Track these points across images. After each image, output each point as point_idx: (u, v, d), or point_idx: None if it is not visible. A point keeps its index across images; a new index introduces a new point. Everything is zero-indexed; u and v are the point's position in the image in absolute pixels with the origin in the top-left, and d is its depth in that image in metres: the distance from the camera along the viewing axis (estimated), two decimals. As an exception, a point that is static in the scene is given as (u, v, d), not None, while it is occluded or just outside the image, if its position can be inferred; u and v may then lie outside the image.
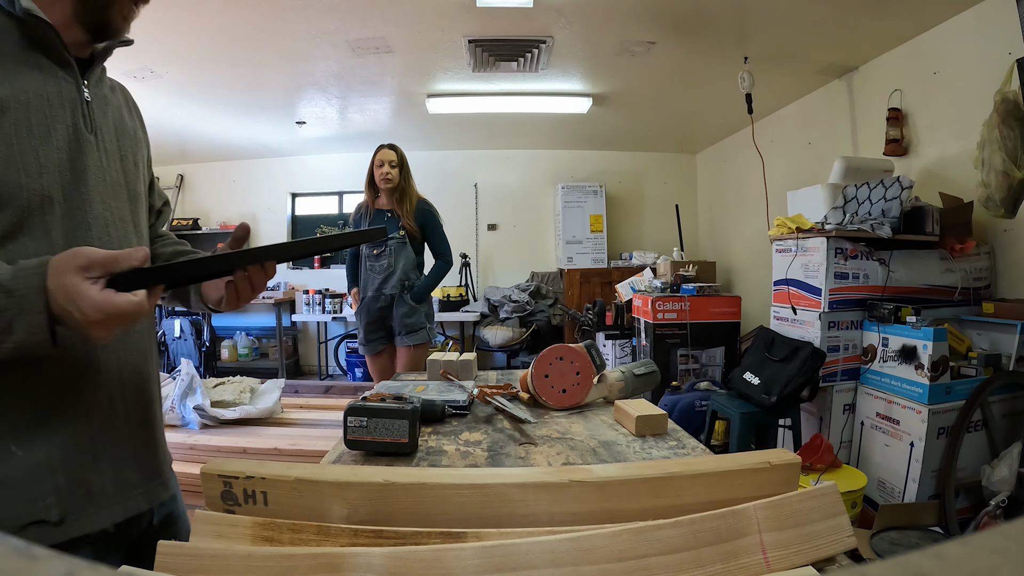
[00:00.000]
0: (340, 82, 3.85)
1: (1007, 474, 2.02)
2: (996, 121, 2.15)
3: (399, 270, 2.75)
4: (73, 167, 0.73)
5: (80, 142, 0.74)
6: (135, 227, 0.84)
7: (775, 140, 4.26)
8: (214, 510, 0.56)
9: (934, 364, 2.17)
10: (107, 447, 0.74)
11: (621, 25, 3.00)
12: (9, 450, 0.66)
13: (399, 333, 2.77)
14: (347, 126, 4.94)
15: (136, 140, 0.87)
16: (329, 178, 6.03)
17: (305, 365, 6.10)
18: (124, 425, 0.77)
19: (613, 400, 1.16)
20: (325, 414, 2.86)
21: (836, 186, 2.76)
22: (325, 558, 0.46)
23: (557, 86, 3.97)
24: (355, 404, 0.89)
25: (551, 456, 0.89)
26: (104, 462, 0.74)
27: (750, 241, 4.72)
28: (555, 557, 0.47)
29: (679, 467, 0.61)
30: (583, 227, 5.54)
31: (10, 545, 0.17)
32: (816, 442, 2.31)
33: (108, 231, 0.76)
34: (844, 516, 0.55)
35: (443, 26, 3.02)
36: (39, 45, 0.72)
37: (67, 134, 0.73)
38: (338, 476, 0.57)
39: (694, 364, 3.64)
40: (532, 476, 0.59)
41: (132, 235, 0.82)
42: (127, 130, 0.85)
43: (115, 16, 0.76)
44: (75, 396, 0.71)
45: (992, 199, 2.19)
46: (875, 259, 2.51)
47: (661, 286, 3.89)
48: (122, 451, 0.76)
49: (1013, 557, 0.16)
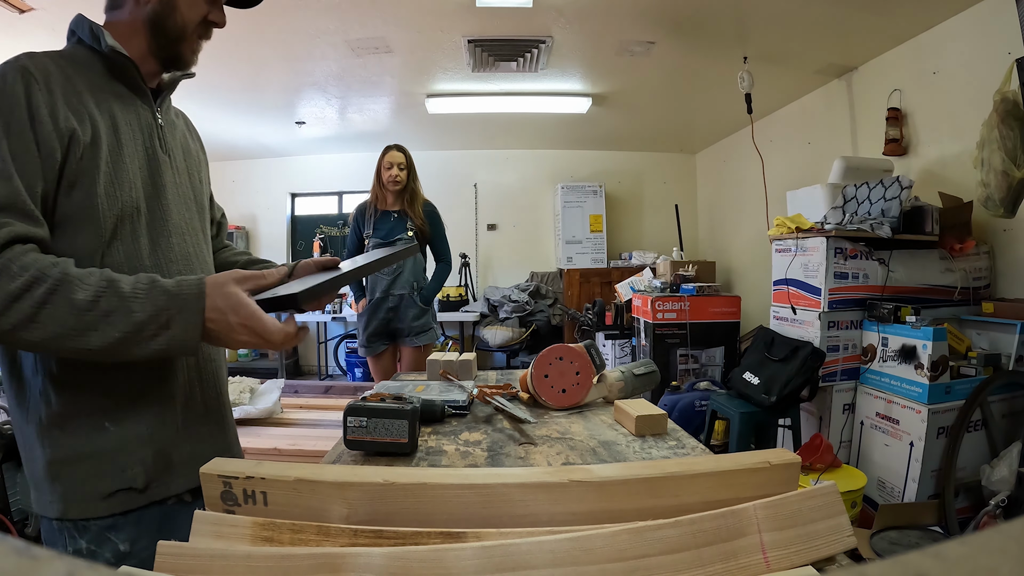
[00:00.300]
0: (340, 82, 3.85)
1: (1007, 474, 2.02)
2: (995, 121, 2.15)
3: (407, 271, 2.75)
4: (154, 183, 0.86)
5: (158, 161, 0.87)
6: (204, 235, 0.97)
7: (775, 140, 4.26)
8: (214, 510, 0.56)
9: (934, 364, 2.17)
10: (186, 425, 0.86)
11: (621, 25, 3.00)
12: (103, 426, 0.78)
13: (408, 334, 2.77)
14: (347, 126, 4.94)
15: (198, 159, 1.01)
16: (329, 178, 6.03)
17: (305, 365, 6.10)
18: (200, 406, 0.89)
19: (613, 400, 1.16)
20: (325, 414, 2.86)
21: (836, 186, 2.76)
22: (325, 558, 0.46)
23: (557, 86, 3.97)
24: (355, 404, 0.89)
25: (551, 456, 0.89)
26: (183, 438, 0.86)
27: (750, 241, 4.72)
28: (555, 557, 0.46)
29: (679, 467, 0.61)
30: (583, 227, 5.54)
31: (10, 545, 0.17)
32: (816, 442, 2.31)
33: (184, 238, 0.89)
34: (844, 516, 0.55)
35: (443, 26, 3.02)
36: (120, 76, 0.85)
37: (147, 154, 0.86)
38: (338, 476, 0.57)
39: (694, 364, 3.64)
40: (532, 476, 0.59)
41: (202, 243, 0.96)
42: (191, 150, 0.99)
43: (185, 51, 0.89)
44: (161, 382, 0.83)
45: (992, 199, 2.19)
46: (875, 259, 2.51)
47: (661, 286, 3.89)
48: (198, 428, 0.88)
49: (1013, 557, 0.16)
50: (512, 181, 6.02)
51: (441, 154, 5.76)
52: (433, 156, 5.60)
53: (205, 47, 0.93)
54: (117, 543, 0.79)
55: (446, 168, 5.78)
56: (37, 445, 0.78)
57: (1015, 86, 2.15)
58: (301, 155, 5.89)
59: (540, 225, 6.04)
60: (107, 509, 0.79)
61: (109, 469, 0.78)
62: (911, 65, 2.98)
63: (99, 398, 0.78)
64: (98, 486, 0.78)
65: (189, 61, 0.90)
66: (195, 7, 0.87)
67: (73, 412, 0.77)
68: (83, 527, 0.78)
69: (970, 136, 2.37)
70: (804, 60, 3.36)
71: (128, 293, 0.69)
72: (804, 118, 4.04)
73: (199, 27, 0.89)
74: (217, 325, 0.71)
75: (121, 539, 0.80)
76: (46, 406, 0.77)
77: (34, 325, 0.66)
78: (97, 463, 0.78)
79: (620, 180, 5.98)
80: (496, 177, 6.02)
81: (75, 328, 0.67)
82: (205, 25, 0.89)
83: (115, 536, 0.79)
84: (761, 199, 3.59)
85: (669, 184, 6.05)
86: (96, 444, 0.77)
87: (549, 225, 6.02)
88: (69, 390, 0.76)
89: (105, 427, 0.78)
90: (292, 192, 6.18)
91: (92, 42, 0.82)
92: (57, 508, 0.78)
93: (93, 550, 0.79)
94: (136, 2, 0.86)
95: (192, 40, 0.88)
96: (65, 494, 0.77)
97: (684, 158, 6.11)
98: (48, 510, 0.78)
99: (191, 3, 0.86)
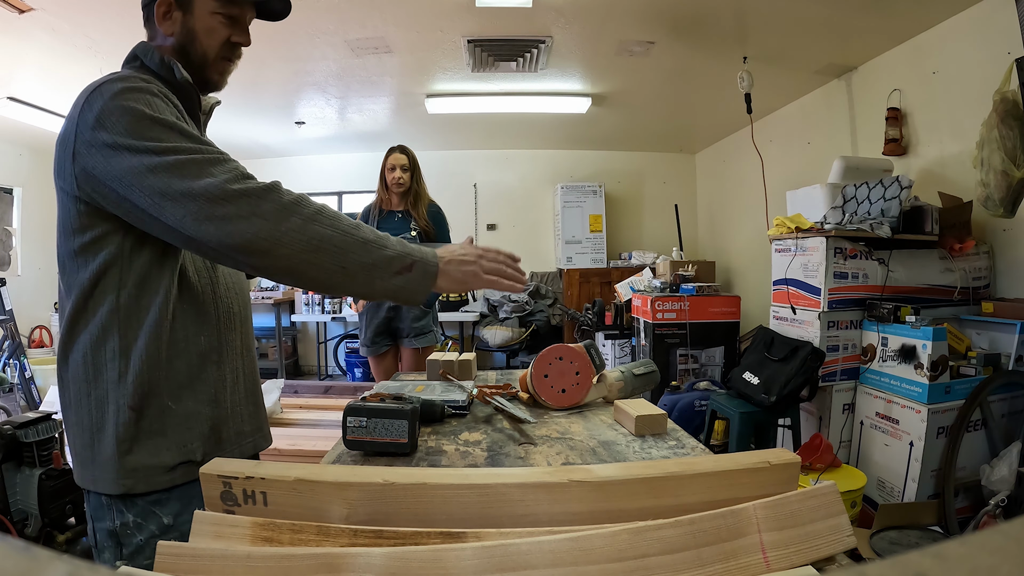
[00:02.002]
0: (339, 82, 3.85)
1: (1006, 473, 2.02)
2: (995, 121, 2.15)
3: None
4: None
5: None
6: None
7: (774, 140, 4.26)
8: (214, 510, 0.56)
9: (933, 364, 2.17)
10: (233, 405, 0.95)
11: (620, 25, 3.00)
12: (167, 405, 0.86)
13: (408, 335, 2.76)
14: (346, 126, 4.93)
15: None
16: (328, 178, 6.03)
17: (304, 365, 6.10)
18: (243, 389, 0.98)
19: (612, 400, 1.16)
20: (324, 414, 2.86)
21: (835, 186, 2.76)
22: (325, 558, 0.46)
23: (556, 86, 3.97)
24: (354, 404, 0.89)
25: (551, 456, 0.89)
26: (231, 416, 0.94)
27: (749, 241, 4.72)
28: (555, 557, 0.46)
29: (678, 467, 0.61)
30: (582, 227, 5.54)
31: (10, 545, 0.17)
32: (815, 442, 2.31)
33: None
34: (844, 516, 0.55)
35: (442, 26, 3.02)
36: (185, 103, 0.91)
37: None
38: (338, 476, 0.57)
39: (693, 364, 3.64)
40: (532, 476, 0.59)
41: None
42: None
43: (212, 75, 0.94)
44: (214, 367, 0.92)
45: (991, 198, 2.20)
46: (874, 259, 2.51)
47: (660, 286, 3.89)
48: (241, 409, 0.97)
49: (1012, 556, 0.16)
50: (512, 181, 6.02)
51: (441, 154, 5.75)
52: (433, 156, 5.58)
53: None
54: (161, 516, 0.86)
55: (446, 168, 5.77)
56: (110, 424, 0.83)
57: (1015, 86, 2.15)
58: (301, 155, 5.89)
59: (540, 225, 6.04)
60: (170, 481, 0.85)
61: (173, 444, 0.86)
62: (911, 65, 2.98)
63: (164, 381, 0.85)
64: (164, 460, 0.85)
65: (218, 84, 0.96)
66: (214, 33, 0.91)
67: (145, 393, 0.84)
68: (131, 502, 0.84)
69: (970, 136, 2.37)
70: (804, 60, 3.36)
71: (381, 234, 0.83)
72: (804, 118, 4.04)
73: (222, 49, 0.93)
74: (452, 265, 0.87)
75: (166, 513, 0.86)
76: (112, 390, 0.83)
77: (305, 234, 0.77)
78: (163, 439, 0.85)
79: (620, 180, 5.98)
80: (496, 177, 6.02)
81: (339, 245, 0.79)
82: (230, 47, 0.93)
83: (160, 510, 0.86)
84: (761, 199, 3.59)
85: (669, 184, 6.05)
86: (163, 422, 0.85)
87: (549, 225, 6.02)
88: (133, 374, 0.83)
89: (168, 406, 0.86)
90: (292, 192, 6.17)
91: (162, 71, 0.89)
92: (124, 484, 0.83)
93: (140, 523, 0.85)
94: (163, 34, 0.91)
95: (217, 63, 0.93)
96: (135, 470, 0.83)
97: (684, 158, 6.11)
98: (111, 487, 0.83)
99: (209, 30, 0.90)
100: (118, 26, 2.67)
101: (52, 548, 0.75)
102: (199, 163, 0.77)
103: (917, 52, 2.94)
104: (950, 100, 2.74)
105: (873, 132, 3.21)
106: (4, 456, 1.93)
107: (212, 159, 0.78)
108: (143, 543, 0.84)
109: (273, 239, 0.76)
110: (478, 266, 0.90)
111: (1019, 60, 2.14)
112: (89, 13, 2.64)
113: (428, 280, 0.84)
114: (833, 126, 3.65)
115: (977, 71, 2.53)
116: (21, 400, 3.78)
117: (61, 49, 3.01)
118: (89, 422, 0.84)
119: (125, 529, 0.85)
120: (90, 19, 2.70)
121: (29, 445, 1.95)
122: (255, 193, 0.77)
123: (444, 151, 5.77)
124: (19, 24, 2.69)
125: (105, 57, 3.07)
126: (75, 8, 2.60)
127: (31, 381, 3.84)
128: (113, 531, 0.85)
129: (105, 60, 3.09)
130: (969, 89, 2.59)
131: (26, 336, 4.87)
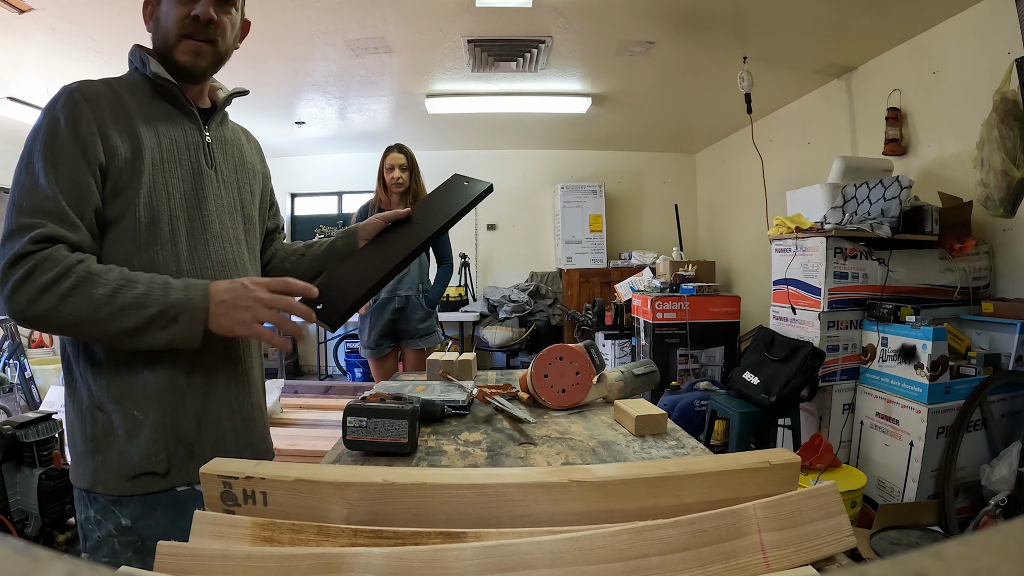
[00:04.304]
0: (339, 82, 3.85)
1: (1006, 473, 2.02)
2: (995, 121, 2.15)
3: (414, 271, 2.74)
4: (197, 194, 0.94)
5: (202, 175, 0.95)
6: (247, 243, 1.04)
7: (774, 140, 4.26)
8: (214, 510, 0.56)
9: (933, 364, 2.17)
10: (208, 420, 0.93)
11: (620, 25, 3.00)
12: (133, 415, 0.87)
13: (412, 336, 2.75)
14: (346, 126, 4.93)
15: (254, 172, 1.09)
16: (328, 178, 6.03)
17: (304, 365, 6.10)
18: (224, 404, 0.96)
19: (612, 400, 1.16)
20: (324, 414, 2.86)
21: (835, 186, 2.76)
22: (325, 558, 0.46)
23: (556, 86, 3.97)
24: (354, 404, 0.89)
25: (551, 456, 0.89)
26: (205, 431, 0.93)
27: (749, 241, 4.72)
28: (555, 557, 0.46)
29: (678, 467, 0.61)
30: (582, 227, 5.54)
31: (10, 545, 0.17)
32: (815, 442, 2.31)
33: (224, 246, 0.97)
34: (844, 515, 0.55)
35: (442, 26, 3.02)
36: (166, 98, 0.93)
37: (192, 169, 0.94)
38: (337, 476, 0.57)
39: (693, 364, 3.64)
40: (532, 476, 0.59)
41: (244, 250, 1.03)
42: (246, 164, 1.07)
43: (179, 55, 0.91)
44: (186, 379, 0.91)
45: (991, 198, 2.20)
46: (874, 259, 2.51)
47: (660, 286, 3.89)
48: (220, 424, 0.95)
49: (1013, 556, 0.16)
50: (512, 181, 6.01)
51: (441, 154, 5.74)
52: (433, 156, 5.57)
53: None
54: (120, 517, 0.88)
55: (445, 168, 5.72)
56: (78, 422, 0.88)
57: (1015, 86, 2.15)
58: (301, 155, 5.89)
59: (540, 225, 6.04)
60: (131, 489, 0.87)
61: (137, 453, 0.87)
62: (911, 65, 2.98)
63: (129, 389, 0.87)
64: (126, 468, 0.87)
65: (192, 67, 0.93)
66: (170, 14, 0.90)
67: (108, 398, 0.87)
68: (94, 498, 0.88)
69: (970, 136, 2.37)
70: (804, 60, 3.36)
71: (143, 291, 0.80)
72: (804, 118, 4.04)
73: (180, 27, 0.89)
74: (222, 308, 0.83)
75: (125, 514, 0.88)
76: (86, 389, 0.88)
77: (58, 314, 0.78)
78: (127, 447, 0.87)
79: (620, 180, 5.98)
80: (496, 177, 5.93)
81: (93, 318, 0.78)
82: (190, 23, 0.89)
83: (119, 511, 0.88)
84: (761, 199, 3.59)
85: (669, 184, 6.05)
86: (127, 429, 0.87)
87: (549, 225, 6.02)
88: (104, 378, 0.87)
89: (134, 415, 0.87)
90: (292, 192, 6.17)
91: (142, 68, 0.92)
92: (88, 480, 0.88)
93: (99, 520, 0.88)
94: (150, 33, 0.94)
95: (180, 44, 0.91)
96: (97, 469, 0.87)
97: (684, 158, 6.11)
98: (80, 481, 0.89)
99: (166, 12, 0.90)
100: (118, 26, 2.67)
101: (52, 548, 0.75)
102: (10, 229, 0.79)
103: (917, 52, 2.94)
104: (950, 100, 2.74)
105: (873, 132, 3.21)
106: (4, 456, 1.93)
107: (15, 227, 0.79)
108: (101, 540, 0.88)
109: (34, 319, 0.79)
110: (251, 313, 0.83)
111: (1019, 60, 2.14)
112: (89, 13, 2.64)
113: (197, 327, 0.82)
114: (833, 126, 3.65)
115: (977, 71, 2.54)
116: (21, 400, 3.78)
117: (61, 49, 3.01)
118: (72, 417, 0.90)
119: (88, 523, 0.89)
120: (90, 19, 2.69)
121: (29, 445, 1.95)
122: (13, 281, 0.77)
123: (444, 151, 5.76)
124: (19, 24, 2.70)
125: (105, 57, 3.07)
126: (75, 8, 2.60)
127: (31, 381, 3.84)
128: (81, 523, 0.90)
129: (105, 60, 3.09)
130: (969, 89, 2.59)
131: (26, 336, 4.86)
